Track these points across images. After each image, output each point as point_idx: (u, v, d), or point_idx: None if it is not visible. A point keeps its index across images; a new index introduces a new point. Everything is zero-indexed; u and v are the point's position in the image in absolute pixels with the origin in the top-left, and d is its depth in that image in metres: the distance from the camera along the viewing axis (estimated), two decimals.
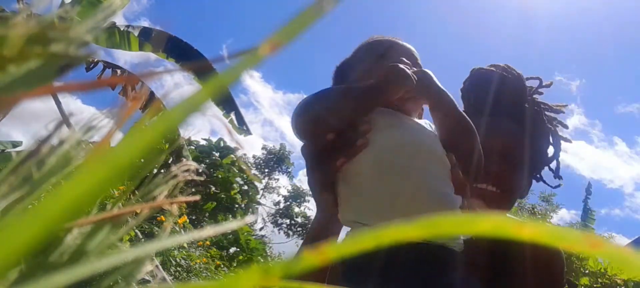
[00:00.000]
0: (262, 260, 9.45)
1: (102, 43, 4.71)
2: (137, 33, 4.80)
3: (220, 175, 12.41)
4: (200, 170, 0.24)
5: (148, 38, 4.83)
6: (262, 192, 21.49)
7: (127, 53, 4.83)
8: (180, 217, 5.02)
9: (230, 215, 12.04)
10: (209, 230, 0.21)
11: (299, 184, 23.36)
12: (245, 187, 13.99)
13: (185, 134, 0.33)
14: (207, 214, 11.41)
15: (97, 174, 0.12)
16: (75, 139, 0.20)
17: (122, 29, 4.76)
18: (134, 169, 0.12)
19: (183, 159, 0.25)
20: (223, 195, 12.24)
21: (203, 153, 13.14)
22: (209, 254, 6.27)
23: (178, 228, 4.78)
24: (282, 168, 23.34)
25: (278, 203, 22.75)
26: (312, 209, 22.23)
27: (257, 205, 17.58)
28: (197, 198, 0.25)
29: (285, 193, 22.82)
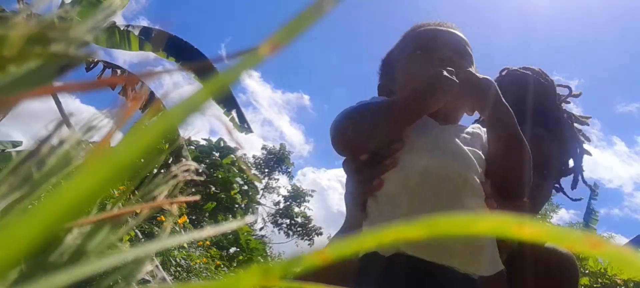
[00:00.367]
0: (262, 260, 9.45)
1: (102, 43, 4.71)
2: (137, 32, 4.80)
3: (220, 175, 12.41)
4: (200, 170, 0.24)
5: (148, 37, 4.82)
6: (262, 192, 21.49)
7: (126, 53, 4.82)
8: (180, 217, 5.02)
9: (230, 215, 12.05)
10: (209, 230, 0.21)
11: (299, 184, 23.41)
12: (245, 187, 13.98)
13: (185, 134, 0.33)
14: (207, 214, 11.41)
15: (97, 174, 0.12)
16: (75, 139, 0.20)
17: (122, 29, 4.75)
18: (134, 169, 0.12)
19: (183, 159, 0.25)
20: (223, 195, 12.23)
21: (203, 153, 13.14)
22: (209, 254, 6.27)
23: (178, 228, 4.78)
24: (282, 168, 23.33)
25: (278, 203, 22.76)
26: (312, 209, 22.29)
27: (257, 205, 17.59)
28: (197, 198, 0.25)
29: (285, 193, 22.84)
